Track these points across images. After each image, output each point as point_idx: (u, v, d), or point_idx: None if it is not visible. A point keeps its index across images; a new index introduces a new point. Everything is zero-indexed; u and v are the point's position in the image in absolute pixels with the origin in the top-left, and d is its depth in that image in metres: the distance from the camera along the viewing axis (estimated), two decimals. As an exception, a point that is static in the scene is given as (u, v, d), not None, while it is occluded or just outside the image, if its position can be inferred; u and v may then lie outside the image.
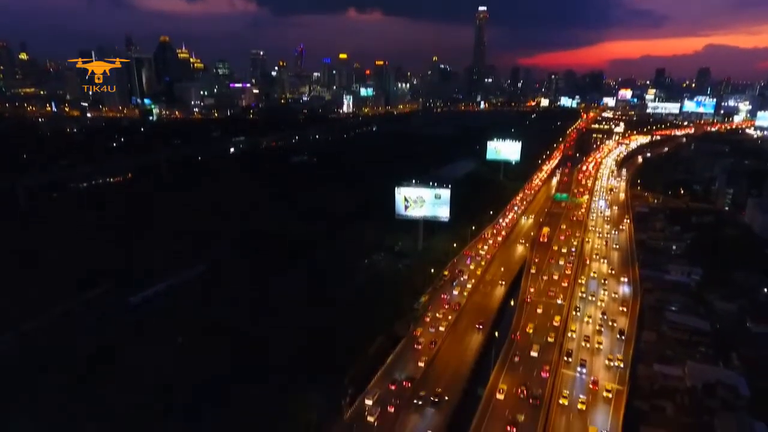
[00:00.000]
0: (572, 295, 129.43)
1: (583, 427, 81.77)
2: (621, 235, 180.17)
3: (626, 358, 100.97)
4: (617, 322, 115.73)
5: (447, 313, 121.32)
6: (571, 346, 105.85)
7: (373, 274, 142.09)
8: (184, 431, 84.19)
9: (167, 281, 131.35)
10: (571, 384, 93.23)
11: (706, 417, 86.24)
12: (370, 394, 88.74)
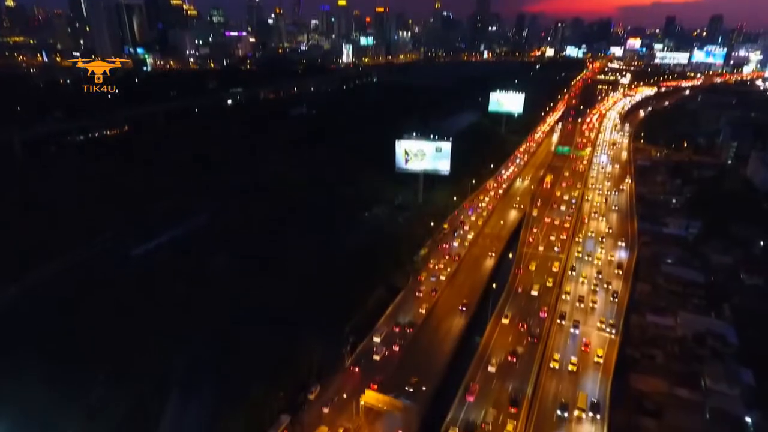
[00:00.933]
0: (569, 254, 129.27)
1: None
2: (621, 196, 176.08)
3: (618, 320, 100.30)
4: (612, 285, 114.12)
5: (447, 264, 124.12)
6: (565, 308, 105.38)
7: (373, 226, 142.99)
8: (186, 380, 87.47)
9: (169, 233, 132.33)
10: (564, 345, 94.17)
11: (695, 364, 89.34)
12: (378, 332, 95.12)
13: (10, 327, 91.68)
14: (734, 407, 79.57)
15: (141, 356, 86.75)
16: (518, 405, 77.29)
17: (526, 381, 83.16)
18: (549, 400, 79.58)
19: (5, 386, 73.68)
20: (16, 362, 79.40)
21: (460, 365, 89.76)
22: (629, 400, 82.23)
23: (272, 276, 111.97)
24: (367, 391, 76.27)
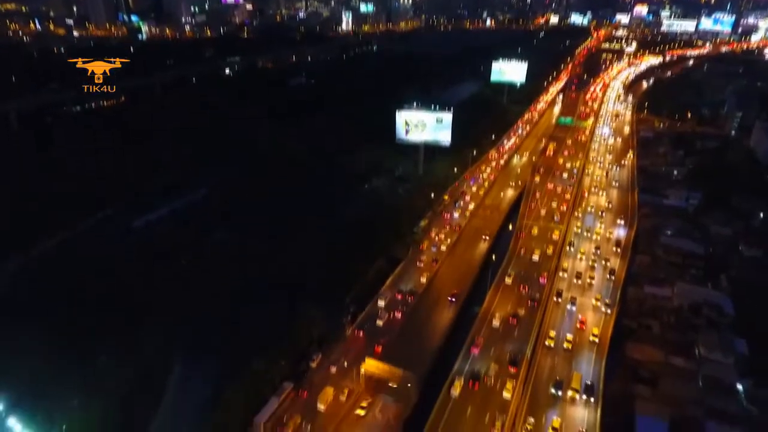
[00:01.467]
0: (568, 228, 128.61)
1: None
2: (622, 171, 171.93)
3: (614, 298, 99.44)
4: (609, 262, 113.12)
5: (448, 234, 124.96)
6: (562, 285, 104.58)
7: (372, 198, 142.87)
8: (189, 351, 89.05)
9: (170, 205, 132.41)
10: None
11: (690, 334, 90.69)
12: (383, 296, 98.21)
13: (13, 299, 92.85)
14: (727, 375, 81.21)
15: (144, 327, 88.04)
16: (518, 365, 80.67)
17: (525, 343, 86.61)
18: (544, 377, 79.78)
19: (11, 357, 74.91)
20: (20, 332, 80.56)
21: (460, 332, 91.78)
22: (625, 369, 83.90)
23: (272, 248, 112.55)
24: (367, 359, 77.77)
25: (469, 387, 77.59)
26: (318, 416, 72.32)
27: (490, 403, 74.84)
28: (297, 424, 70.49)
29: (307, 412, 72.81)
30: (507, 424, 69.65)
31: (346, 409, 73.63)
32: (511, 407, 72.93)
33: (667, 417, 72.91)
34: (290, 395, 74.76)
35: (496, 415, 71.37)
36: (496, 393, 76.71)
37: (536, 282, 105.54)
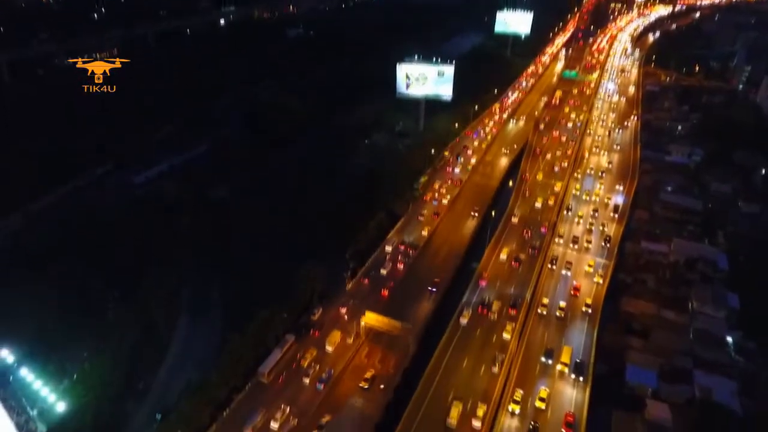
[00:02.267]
0: (567, 192, 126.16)
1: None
2: (625, 133, 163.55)
3: (606, 272, 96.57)
4: (606, 228, 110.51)
5: (449, 189, 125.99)
6: (558, 251, 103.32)
7: (372, 154, 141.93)
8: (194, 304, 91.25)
9: (169, 161, 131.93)
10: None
11: (684, 289, 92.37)
12: (390, 242, 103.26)
13: (18, 254, 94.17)
14: (718, 328, 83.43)
15: (148, 282, 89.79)
16: (518, 308, 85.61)
17: (525, 287, 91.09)
18: (535, 345, 78.97)
19: (20, 310, 76.81)
20: (28, 286, 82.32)
21: (461, 279, 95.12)
22: (618, 322, 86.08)
23: (272, 204, 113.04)
24: (367, 313, 79.61)
25: (478, 312, 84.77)
26: (326, 356, 76.40)
27: (491, 342, 79.67)
28: (313, 356, 75.61)
29: (318, 349, 77.08)
30: (506, 362, 74.49)
31: (351, 353, 77.08)
32: (511, 346, 77.73)
33: (657, 366, 75.62)
34: (292, 347, 77.11)
35: (496, 355, 75.83)
36: (498, 331, 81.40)
37: (538, 230, 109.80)
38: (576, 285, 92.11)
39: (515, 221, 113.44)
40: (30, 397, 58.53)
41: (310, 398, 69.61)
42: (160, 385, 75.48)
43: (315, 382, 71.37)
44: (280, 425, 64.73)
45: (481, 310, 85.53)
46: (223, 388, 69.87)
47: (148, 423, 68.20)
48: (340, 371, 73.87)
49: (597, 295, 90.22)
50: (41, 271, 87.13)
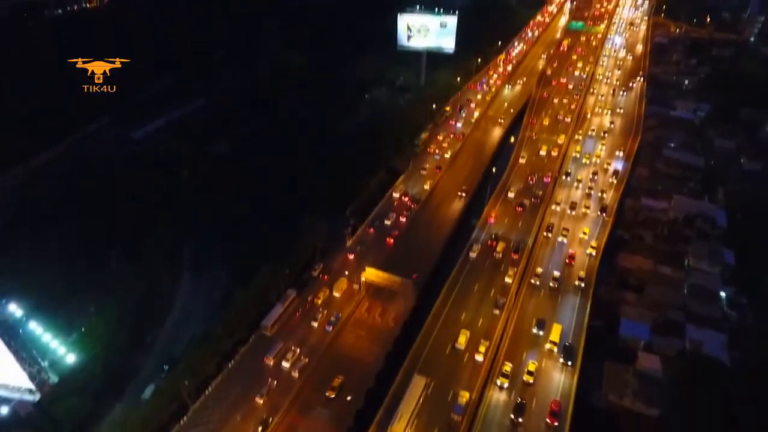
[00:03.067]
0: (566, 154, 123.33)
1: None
2: (629, 95, 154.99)
3: (601, 240, 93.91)
4: (605, 194, 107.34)
5: (452, 143, 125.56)
6: (554, 219, 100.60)
7: (372, 109, 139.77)
8: (197, 260, 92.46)
9: (167, 115, 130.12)
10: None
11: (681, 245, 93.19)
12: (397, 189, 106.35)
13: (20, 208, 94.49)
14: (712, 284, 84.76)
15: (151, 237, 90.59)
16: (519, 252, 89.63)
17: (527, 235, 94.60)
18: (528, 315, 77.72)
19: (26, 264, 77.91)
20: (32, 241, 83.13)
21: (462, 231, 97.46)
22: (614, 277, 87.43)
23: (272, 160, 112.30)
24: (367, 268, 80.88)
25: (487, 245, 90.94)
26: (334, 300, 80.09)
27: (495, 282, 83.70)
28: (326, 295, 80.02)
29: (327, 294, 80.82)
30: (507, 305, 78.26)
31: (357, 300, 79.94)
32: (511, 290, 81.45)
33: (650, 320, 77.46)
34: (294, 301, 78.80)
35: (498, 297, 79.40)
36: (501, 273, 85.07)
37: (541, 180, 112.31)
38: (571, 253, 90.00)
39: (522, 162, 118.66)
40: (40, 349, 60.47)
41: (319, 339, 73.47)
42: (165, 338, 77.92)
43: (324, 324, 75.29)
44: (291, 364, 68.78)
45: (490, 243, 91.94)
46: (227, 341, 72.05)
47: (155, 373, 70.75)
48: (345, 317, 76.96)
49: (590, 268, 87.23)
50: (44, 227, 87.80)
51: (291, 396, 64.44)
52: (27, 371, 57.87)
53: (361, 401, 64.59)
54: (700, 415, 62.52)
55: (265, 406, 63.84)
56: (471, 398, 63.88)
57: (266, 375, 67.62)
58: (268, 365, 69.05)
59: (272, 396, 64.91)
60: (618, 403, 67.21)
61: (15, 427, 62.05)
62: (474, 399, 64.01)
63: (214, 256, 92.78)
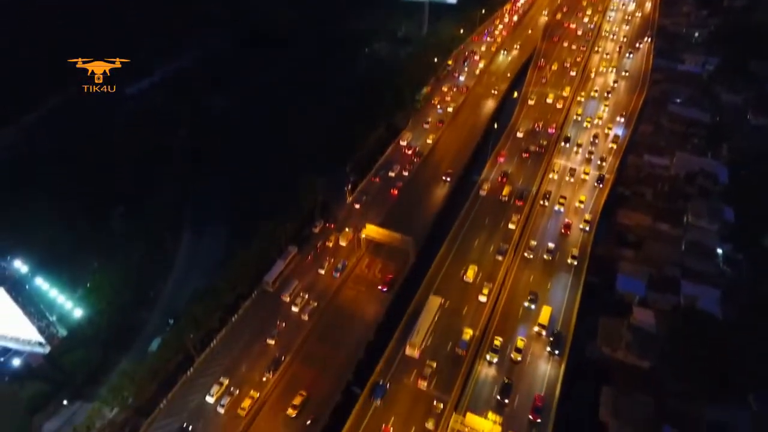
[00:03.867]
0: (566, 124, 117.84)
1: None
2: (636, 57, 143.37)
3: (594, 216, 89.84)
4: (605, 161, 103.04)
5: (454, 97, 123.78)
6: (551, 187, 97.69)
7: (373, 63, 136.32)
8: (198, 217, 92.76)
9: (161, 71, 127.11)
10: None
11: (681, 202, 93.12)
12: (404, 137, 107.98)
13: (16, 167, 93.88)
14: (710, 241, 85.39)
15: (151, 195, 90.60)
16: (524, 199, 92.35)
17: (531, 183, 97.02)
18: (519, 289, 76.84)
19: (29, 222, 78.30)
20: (32, 200, 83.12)
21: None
22: (613, 235, 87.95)
23: (270, 116, 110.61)
24: (367, 225, 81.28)
25: (498, 182, 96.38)
26: (340, 249, 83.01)
27: (500, 226, 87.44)
28: (334, 241, 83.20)
29: (334, 242, 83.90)
30: (510, 250, 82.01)
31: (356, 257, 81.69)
32: (514, 237, 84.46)
33: (646, 276, 78.56)
34: (295, 257, 79.72)
35: (501, 244, 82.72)
36: (506, 219, 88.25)
37: (545, 132, 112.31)
38: (567, 222, 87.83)
39: (532, 103, 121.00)
40: (47, 304, 61.79)
41: (327, 284, 76.76)
42: (169, 294, 79.52)
43: (332, 270, 78.36)
44: (300, 309, 72.44)
45: (501, 180, 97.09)
46: (230, 295, 73.48)
47: (161, 327, 72.61)
48: (351, 266, 79.59)
49: (584, 244, 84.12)
50: (44, 186, 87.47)
51: (301, 337, 68.64)
52: (36, 325, 59.39)
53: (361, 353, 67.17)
54: (689, 367, 64.57)
55: (277, 346, 67.79)
56: (474, 335, 68.05)
57: (276, 318, 71.36)
58: (280, 308, 72.92)
59: (282, 337, 68.90)
60: (611, 356, 69.33)
61: (27, 378, 64.45)
62: (477, 336, 68.09)
63: (214, 214, 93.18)
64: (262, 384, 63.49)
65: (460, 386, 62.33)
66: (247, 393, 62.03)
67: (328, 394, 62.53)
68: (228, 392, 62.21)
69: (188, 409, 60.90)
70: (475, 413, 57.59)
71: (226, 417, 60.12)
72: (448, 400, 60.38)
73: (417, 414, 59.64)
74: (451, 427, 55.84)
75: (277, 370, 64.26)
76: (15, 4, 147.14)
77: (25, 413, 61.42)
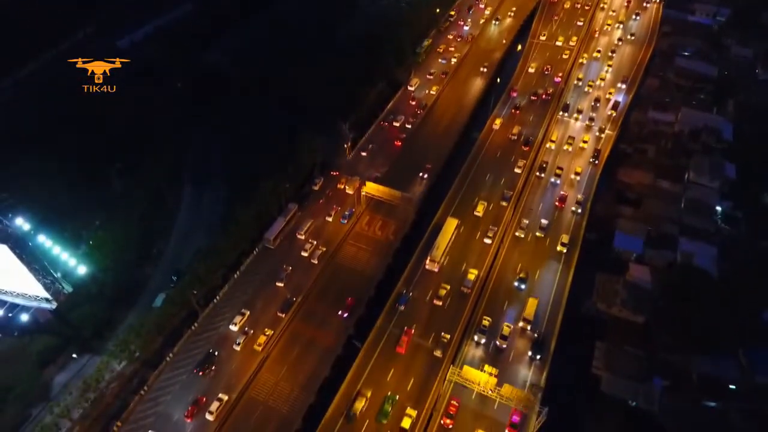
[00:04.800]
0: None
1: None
2: (643, 17, 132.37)
3: (584, 208, 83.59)
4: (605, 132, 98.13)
5: (459, 47, 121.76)
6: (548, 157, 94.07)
7: (372, 14, 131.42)
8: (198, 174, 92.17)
9: (154, 22, 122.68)
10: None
11: (683, 159, 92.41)
12: (412, 82, 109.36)
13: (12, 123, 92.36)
14: (710, 198, 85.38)
15: (150, 152, 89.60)
16: (530, 145, 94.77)
17: (537, 129, 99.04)
18: (508, 271, 74.76)
19: (29, 179, 77.89)
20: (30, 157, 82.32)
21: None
22: (612, 192, 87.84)
23: (267, 69, 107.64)
24: (368, 183, 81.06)
25: (511, 113, 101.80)
26: (348, 197, 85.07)
27: (509, 166, 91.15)
28: (342, 190, 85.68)
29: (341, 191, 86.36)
30: (513, 197, 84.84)
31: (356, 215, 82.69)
32: (520, 180, 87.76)
33: (644, 234, 79.13)
34: (296, 215, 79.96)
35: (505, 191, 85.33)
36: (511, 165, 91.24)
37: (551, 80, 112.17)
38: (563, 194, 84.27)
39: (543, 39, 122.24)
40: (51, 261, 62.34)
41: (335, 230, 79.38)
42: (171, 251, 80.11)
43: (339, 217, 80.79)
44: (309, 253, 75.50)
45: (513, 112, 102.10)
46: (232, 252, 74.24)
47: (164, 283, 73.73)
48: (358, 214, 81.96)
49: (575, 230, 79.47)
50: (40, 142, 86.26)
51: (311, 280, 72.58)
52: (41, 282, 60.14)
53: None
54: (681, 323, 66.14)
55: (287, 288, 71.55)
56: (479, 275, 72.39)
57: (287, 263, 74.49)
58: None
59: (292, 280, 72.43)
60: (607, 311, 70.89)
61: (36, 332, 66.10)
62: (481, 277, 72.51)
63: (213, 170, 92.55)
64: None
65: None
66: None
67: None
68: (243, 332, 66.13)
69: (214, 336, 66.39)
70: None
71: (243, 352, 64.45)
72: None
73: (433, 326, 66.82)
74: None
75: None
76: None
77: (35, 366, 63.34)
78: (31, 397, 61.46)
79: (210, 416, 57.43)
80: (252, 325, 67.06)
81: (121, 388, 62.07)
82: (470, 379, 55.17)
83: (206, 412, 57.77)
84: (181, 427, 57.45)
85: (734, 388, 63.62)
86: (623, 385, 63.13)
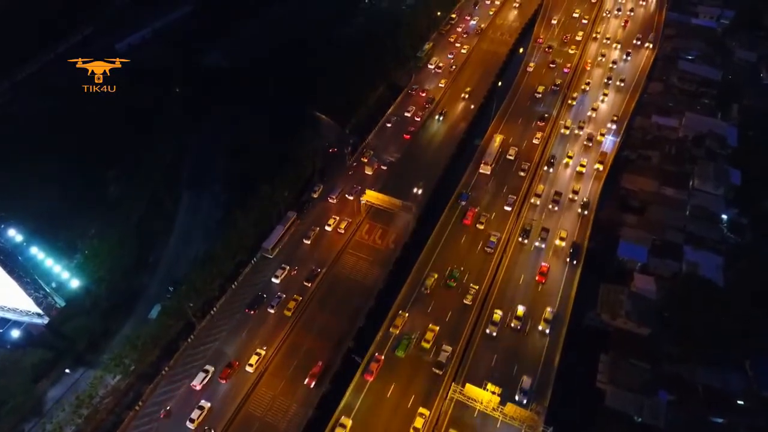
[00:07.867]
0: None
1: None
2: (636, 57, 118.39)
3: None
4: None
5: (466, 41, 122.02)
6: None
7: (373, 15, 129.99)
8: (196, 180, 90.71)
9: (152, 25, 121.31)
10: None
11: (687, 165, 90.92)
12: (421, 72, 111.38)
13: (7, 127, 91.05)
14: (715, 205, 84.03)
15: (148, 156, 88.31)
16: (545, 121, 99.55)
17: (551, 107, 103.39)
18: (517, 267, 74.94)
19: (19, 186, 76.52)
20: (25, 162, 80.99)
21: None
22: (616, 200, 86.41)
23: (266, 71, 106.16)
24: (368, 191, 79.60)
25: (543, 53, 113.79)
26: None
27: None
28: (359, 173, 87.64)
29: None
30: (530, 171, 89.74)
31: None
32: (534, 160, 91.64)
33: (649, 242, 77.71)
34: (295, 222, 78.57)
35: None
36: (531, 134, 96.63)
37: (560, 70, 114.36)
38: (543, 266, 74.44)
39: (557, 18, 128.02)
40: (44, 274, 60.97)
41: (334, 239, 79.25)
42: (168, 258, 78.57)
43: (338, 226, 79.98)
44: (333, 228, 78.74)
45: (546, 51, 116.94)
46: (229, 262, 72.83)
47: (161, 293, 72.31)
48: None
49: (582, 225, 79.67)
50: (37, 147, 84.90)
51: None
52: (32, 296, 58.70)
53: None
54: (687, 334, 64.87)
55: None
56: (501, 238, 77.60)
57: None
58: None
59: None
60: (611, 323, 69.48)
61: (29, 346, 64.76)
62: (503, 239, 77.71)
63: (212, 174, 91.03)
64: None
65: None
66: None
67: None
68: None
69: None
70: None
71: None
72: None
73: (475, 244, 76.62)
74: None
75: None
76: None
77: (28, 380, 62.01)
78: (24, 412, 60.10)
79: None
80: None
81: (115, 403, 60.66)
82: (472, 397, 53.88)
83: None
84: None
85: (742, 403, 62.34)
86: (628, 399, 61.83)
